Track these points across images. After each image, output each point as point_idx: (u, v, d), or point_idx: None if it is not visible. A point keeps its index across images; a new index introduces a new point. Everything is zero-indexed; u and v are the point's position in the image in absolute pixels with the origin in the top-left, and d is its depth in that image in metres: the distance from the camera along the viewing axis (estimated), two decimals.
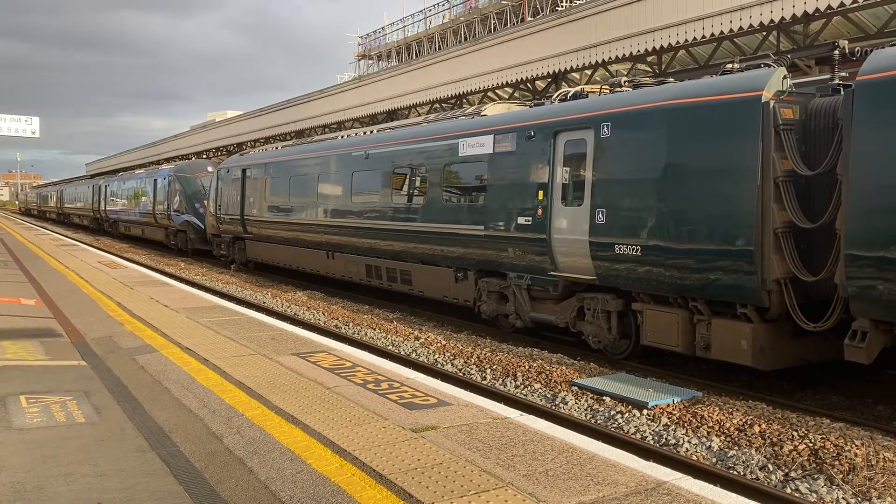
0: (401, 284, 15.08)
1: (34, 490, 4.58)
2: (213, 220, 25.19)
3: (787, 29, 15.66)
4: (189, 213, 29.17)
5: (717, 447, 7.18)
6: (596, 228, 10.08)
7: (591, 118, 10.41)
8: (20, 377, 7.47)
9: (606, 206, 9.97)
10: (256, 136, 41.19)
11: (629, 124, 9.77)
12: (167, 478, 4.81)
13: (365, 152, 16.08)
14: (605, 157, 10.08)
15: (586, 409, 8.50)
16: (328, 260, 17.96)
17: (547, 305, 11.53)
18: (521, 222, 11.48)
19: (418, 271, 14.45)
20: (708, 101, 8.88)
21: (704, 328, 9.00)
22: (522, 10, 34.46)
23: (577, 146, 10.65)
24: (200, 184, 29.31)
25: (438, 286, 13.95)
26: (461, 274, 13.27)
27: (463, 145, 12.96)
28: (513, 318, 12.22)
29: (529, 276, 11.58)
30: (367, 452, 5.00)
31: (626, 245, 9.61)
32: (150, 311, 11.58)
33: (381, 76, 30.93)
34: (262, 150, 24.43)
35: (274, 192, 20.73)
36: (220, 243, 25.48)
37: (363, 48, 51.82)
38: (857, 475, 6.23)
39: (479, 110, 14.22)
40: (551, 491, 4.36)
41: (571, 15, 19.85)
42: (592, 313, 10.58)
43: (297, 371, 7.49)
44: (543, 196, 11.09)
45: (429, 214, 13.83)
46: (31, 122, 35.01)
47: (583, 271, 10.49)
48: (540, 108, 12.04)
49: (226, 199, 23.98)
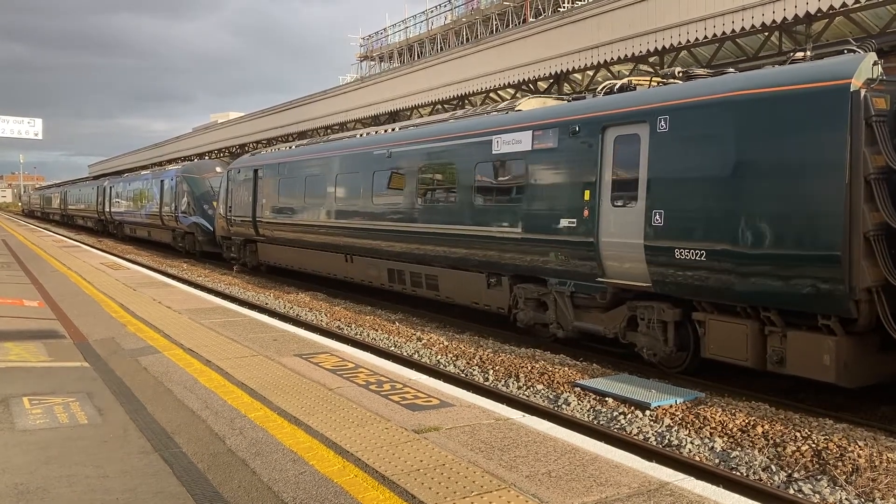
0: (426, 290, 14.38)
1: (37, 491, 4.58)
2: (223, 221, 24.56)
3: (790, 29, 15.65)
4: (197, 215, 28.53)
5: (719, 448, 7.17)
6: (652, 231, 9.22)
7: (645, 111, 9.51)
8: (23, 378, 7.48)
9: (665, 208, 9.11)
10: (259, 137, 41.21)
11: (693, 117, 8.91)
12: (170, 479, 4.82)
13: (387, 151, 15.30)
14: (664, 154, 9.20)
15: (589, 410, 8.49)
16: (346, 263, 17.34)
17: (593, 314, 10.72)
18: (565, 224, 10.62)
19: (446, 276, 13.74)
20: (788, 91, 8.01)
21: (777, 341, 8.22)
22: (524, 10, 34.47)
23: (628, 142, 9.76)
24: (209, 184, 28.71)
25: (468, 292, 13.23)
26: (494, 279, 12.53)
27: (497, 142, 12.11)
28: (553, 327, 11.40)
29: (573, 283, 10.75)
30: (369, 453, 5.00)
31: (689, 249, 8.73)
32: (153, 313, 11.59)
33: (383, 77, 30.94)
34: (274, 150, 23.74)
35: (288, 193, 20.00)
36: (230, 246, 24.82)
37: (365, 49, 51.90)
38: (860, 476, 6.21)
39: (512, 105, 13.32)
40: (554, 492, 4.35)
41: (573, 16, 19.85)
42: (647, 323, 9.74)
43: (300, 372, 7.49)
44: (590, 196, 10.20)
45: (459, 216, 13.00)
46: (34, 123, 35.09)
47: (636, 278, 9.64)
48: (585, 102, 11.18)
49: (236, 201, 23.32)
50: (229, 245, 24.84)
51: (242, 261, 23.82)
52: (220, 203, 25.05)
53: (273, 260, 21.83)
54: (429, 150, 14.14)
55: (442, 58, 26.63)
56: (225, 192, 24.33)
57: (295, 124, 36.65)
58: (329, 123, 33.78)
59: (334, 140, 19.79)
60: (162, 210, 32.12)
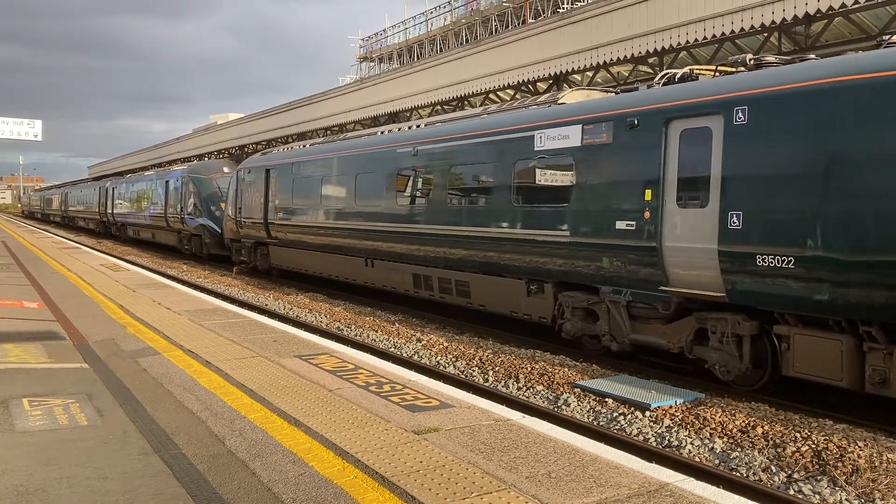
0: (456, 297, 13.46)
1: (37, 492, 4.58)
2: (233, 223, 23.55)
3: (789, 30, 15.66)
4: (204, 217, 27.51)
5: (719, 449, 7.16)
6: (728, 235, 8.29)
7: (719, 102, 8.60)
8: (23, 380, 7.47)
9: (744, 209, 8.16)
10: (258, 138, 41.23)
11: (781, 107, 7.97)
12: (170, 480, 4.81)
13: (413, 149, 14.35)
14: (742, 148, 8.26)
15: (589, 410, 8.49)
16: (366, 268, 16.32)
17: (652, 326, 9.77)
18: (622, 227, 9.67)
19: (479, 283, 12.80)
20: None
21: (880, 359, 7.35)
22: (524, 12, 34.49)
23: (698, 136, 8.86)
24: (216, 185, 27.77)
25: (504, 300, 12.25)
26: (535, 286, 11.56)
27: (540, 138, 11.13)
28: (605, 339, 10.46)
29: (630, 291, 9.79)
30: (369, 454, 5.00)
31: (773, 256, 7.84)
32: (152, 314, 11.59)
33: (382, 78, 30.96)
34: (286, 149, 22.80)
35: (303, 194, 19.00)
36: (239, 248, 23.86)
37: (365, 50, 51.93)
38: (860, 477, 6.21)
39: (554, 98, 12.38)
40: (554, 493, 4.35)
41: (573, 17, 19.87)
42: (719, 337, 8.79)
43: (299, 373, 7.49)
44: (652, 196, 9.30)
45: (495, 218, 12.08)
46: (34, 125, 34.99)
47: (706, 286, 8.72)
48: (643, 93, 10.22)
49: (247, 202, 22.34)
50: (239, 248, 23.98)
51: (253, 264, 23.06)
52: (228, 204, 24.20)
53: (286, 263, 21.00)
54: (460, 147, 13.19)
55: (441, 59, 26.66)
56: (234, 193, 23.48)
57: (295, 125, 36.66)
58: (329, 125, 33.80)
59: (353, 138, 18.78)
60: (167, 211, 31.29)
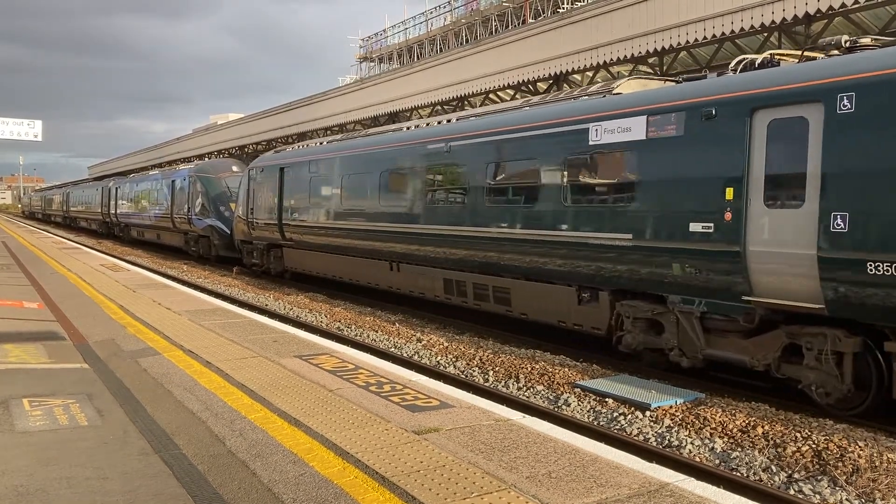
0: (493, 304, 12.55)
1: (37, 493, 4.58)
2: (244, 224, 22.56)
3: (789, 30, 15.67)
4: (213, 217, 26.50)
5: (720, 449, 7.16)
6: (830, 239, 7.38)
7: (819, 88, 7.62)
8: (23, 380, 7.47)
9: (851, 210, 7.26)
10: (259, 138, 41.26)
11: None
12: (170, 480, 4.81)
13: (446, 145, 13.45)
14: (849, 140, 7.32)
15: (589, 410, 8.49)
16: (391, 272, 15.46)
17: (730, 340, 8.80)
18: (697, 230, 8.75)
19: (521, 289, 11.86)
20: None
21: None
22: (524, 12, 34.49)
23: (791, 127, 7.92)
24: (225, 184, 26.84)
25: (551, 308, 11.31)
26: (588, 294, 10.66)
27: (596, 131, 10.19)
28: (674, 354, 9.46)
29: (704, 301, 8.86)
30: (369, 455, 5.00)
31: (889, 263, 6.93)
32: (153, 314, 11.59)
33: (382, 79, 30.98)
34: (302, 146, 21.79)
35: (321, 194, 18.12)
36: (251, 251, 22.89)
37: (365, 50, 51.94)
38: (860, 476, 6.21)
39: (608, 88, 11.37)
40: (554, 493, 4.35)
41: (573, 17, 19.88)
42: (816, 354, 7.87)
43: (300, 373, 7.49)
44: (734, 195, 8.37)
45: (540, 219, 11.18)
46: (34, 125, 34.99)
47: (800, 297, 7.79)
48: (719, 80, 9.26)
49: (259, 202, 21.42)
50: (250, 250, 23.01)
51: (265, 267, 22.16)
52: (239, 204, 23.29)
53: (301, 267, 20.02)
54: (501, 142, 12.22)
55: (441, 59, 26.67)
56: (245, 192, 22.50)
57: (295, 125, 36.68)
58: (329, 125, 33.82)
59: (376, 134, 17.64)
60: (173, 212, 30.40)
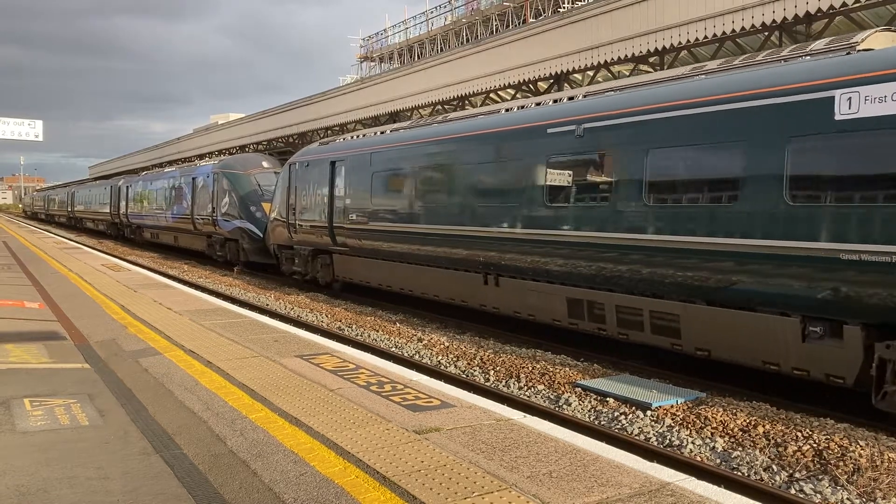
0: (650, 335, 9.73)
1: (38, 493, 4.58)
2: (283, 227, 19.96)
3: (790, 29, 15.65)
4: (243, 219, 23.80)
5: (720, 448, 7.16)
6: None
7: None
8: (24, 380, 7.48)
9: None
10: (260, 138, 41.26)
11: None
12: (171, 480, 4.81)
13: (577, 128, 10.70)
14: None
15: (590, 410, 8.49)
16: (486, 287, 12.73)
17: None
18: None
19: (699, 316, 9.04)
20: None
21: None
22: (524, 11, 34.47)
23: None
24: (255, 181, 24.27)
25: (754, 345, 8.48)
26: (820, 328, 7.82)
27: (846, 101, 7.40)
28: None
29: None
30: (370, 454, 5.00)
31: None
32: (153, 314, 11.59)
33: (383, 78, 30.96)
34: (357, 136, 18.92)
35: (387, 191, 15.60)
36: (291, 257, 20.25)
37: (365, 50, 51.95)
38: (861, 476, 6.21)
39: (850, 44, 8.47)
40: (555, 492, 4.35)
41: (573, 16, 19.87)
42: None
43: (301, 373, 7.49)
44: None
45: (745, 223, 8.32)
46: (35, 125, 35.04)
47: None
48: None
49: (303, 201, 18.84)
50: (290, 256, 20.31)
51: (310, 276, 19.50)
52: (276, 204, 20.75)
53: (357, 277, 17.28)
54: (677, 120, 9.31)
55: (442, 59, 26.65)
56: (284, 190, 19.91)
57: (296, 125, 36.70)
58: (330, 124, 33.83)
59: (462, 119, 14.60)
60: (194, 213, 27.72)
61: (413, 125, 16.84)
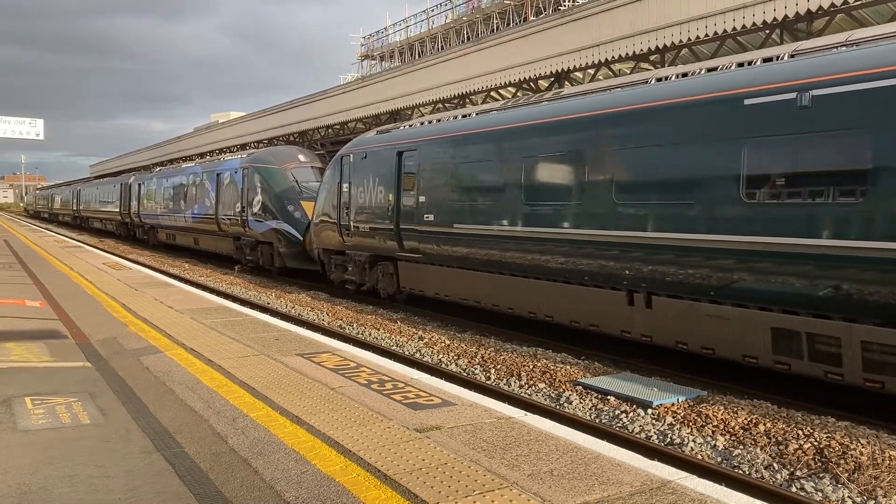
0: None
1: (39, 491, 4.59)
2: (331, 229, 17.52)
3: (791, 27, 15.64)
4: (279, 219, 21.19)
5: (721, 446, 7.16)
6: None
7: None
8: (25, 379, 7.48)
9: None
10: (261, 136, 41.29)
11: None
12: (172, 479, 4.82)
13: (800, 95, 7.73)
14: None
15: (591, 408, 8.49)
16: (631, 308, 10.00)
17: None
18: None
19: None
20: None
21: None
22: (525, 9, 34.43)
23: None
24: (292, 177, 21.74)
25: None
26: None
27: None
28: None
29: None
30: (371, 453, 5.00)
31: None
32: (155, 313, 11.60)
33: (384, 76, 30.97)
34: (431, 122, 15.77)
35: (479, 186, 12.85)
36: (343, 264, 17.66)
37: (366, 48, 51.92)
38: (862, 474, 6.21)
39: None
40: (556, 491, 4.35)
41: (574, 14, 19.87)
42: None
43: (302, 371, 7.50)
44: None
45: None
46: (36, 124, 35.04)
47: None
48: None
49: (359, 199, 16.24)
50: (342, 263, 17.70)
51: (368, 286, 16.84)
52: (321, 203, 18.29)
53: (433, 289, 14.48)
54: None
55: (443, 57, 26.64)
56: (334, 187, 17.38)
57: (296, 123, 36.73)
58: (331, 122, 33.86)
59: (583, 94, 11.61)
60: (219, 212, 25.07)
61: (504, 106, 13.88)
